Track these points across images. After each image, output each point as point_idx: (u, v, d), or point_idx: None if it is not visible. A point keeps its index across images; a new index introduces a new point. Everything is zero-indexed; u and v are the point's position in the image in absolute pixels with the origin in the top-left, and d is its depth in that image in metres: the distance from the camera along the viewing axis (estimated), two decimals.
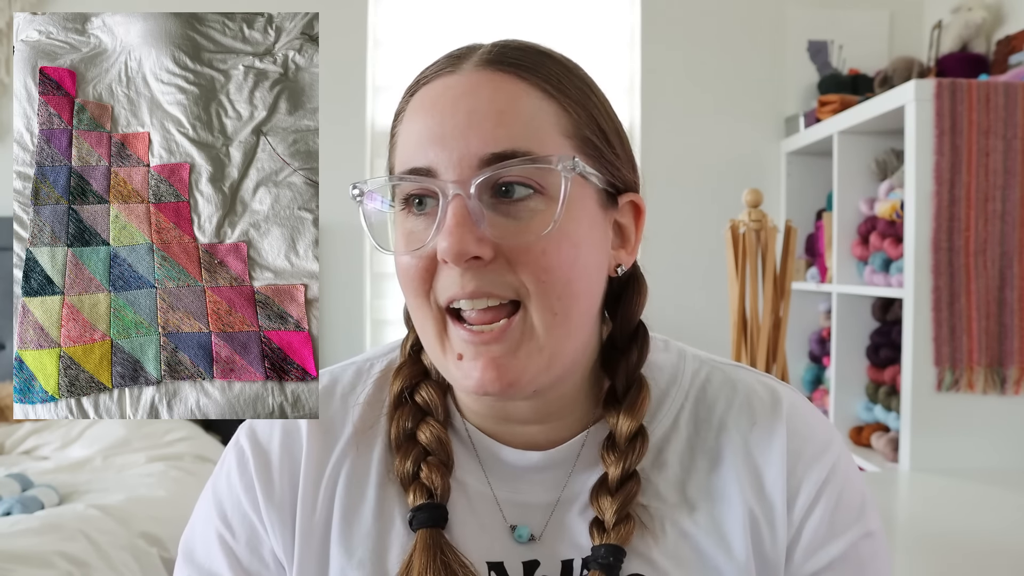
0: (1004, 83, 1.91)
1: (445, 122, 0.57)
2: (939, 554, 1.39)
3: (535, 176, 0.56)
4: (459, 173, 0.55)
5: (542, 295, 0.56)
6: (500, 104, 0.56)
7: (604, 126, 0.60)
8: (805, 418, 0.66)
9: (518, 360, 0.57)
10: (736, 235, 1.71)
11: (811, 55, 2.93)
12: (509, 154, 0.55)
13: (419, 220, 0.58)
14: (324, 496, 0.64)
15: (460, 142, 0.56)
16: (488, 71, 0.58)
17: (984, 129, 1.88)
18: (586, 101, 0.60)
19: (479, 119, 0.56)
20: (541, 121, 0.57)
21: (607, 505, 0.60)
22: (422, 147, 0.57)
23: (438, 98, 0.58)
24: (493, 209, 0.56)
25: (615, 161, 0.61)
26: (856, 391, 2.42)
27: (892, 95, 2.06)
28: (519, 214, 0.56)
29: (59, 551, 1.66)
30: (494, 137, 0.55)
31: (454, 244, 0.54)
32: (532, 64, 0.59)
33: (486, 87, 0.57)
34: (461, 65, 0.59)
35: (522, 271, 0.56)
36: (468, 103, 0.57)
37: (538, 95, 0.58)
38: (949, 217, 1.90)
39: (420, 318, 0.59)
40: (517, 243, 0.55)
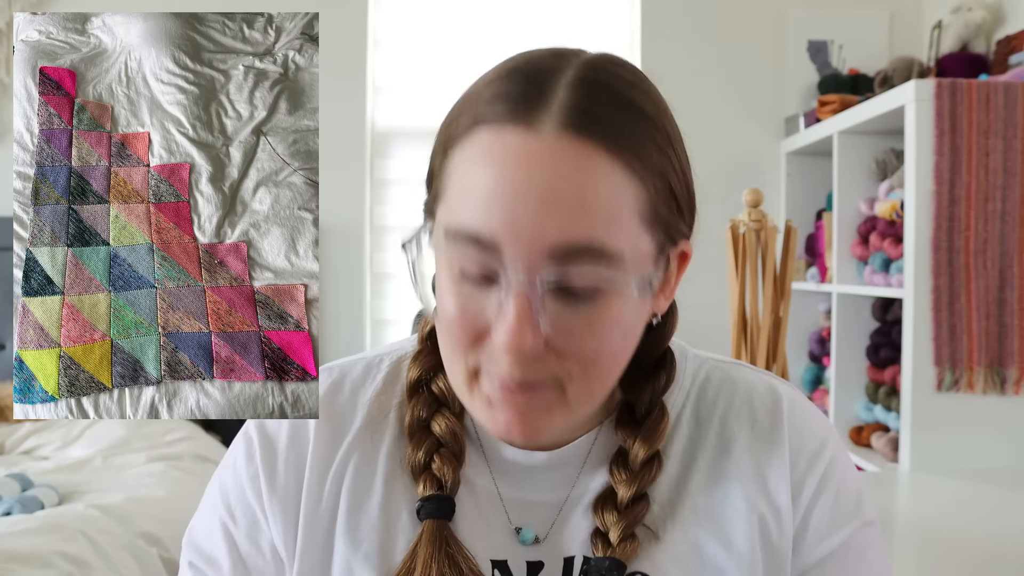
0: (1004, 83, 1.91)
1: (518, 202, 0.50)
2: (939, 554, 1.39)
3: (603, 277, 0.52)
4: (528, 261, 0.51)
5: (584, 379, 0.56)
6: (581, 187, 0.50)
7: (678, 190, 0.56)
8: (804, 415, 0.66)
9: (547, 420, 0.56)
10: (736, 235, 1.71)
11: (811, 55, 2.93)
12: (583, 249, 0.51)
13: (473, 289, 0.54)
14: (331, 489, 0.64)
15: (533, 229, 0.50)
16: (571, 138, 0.51)
17: (984, 129, 1.88)
18: (665, 166, 0.55)
19: (557, 204, 0.50)
20: (620, 206, 0.52)
21: (612, 521, 0.60)
22: (488, 216, 0.51)
23: (513, 165, 0.51)
24: (555, 300, 0.52)
25: (679, 223, 0.58)
26: (856, 391, 2.42)
27: (892, 95, 2.06)
28: (580, 311, 0.53)
29: (59, 551, 1.66)
30: (572, 227, 0.50)
31: (513, 343, 0.52)
32: (620, 126, 0.52)
33: (569, 164, 0.51)
34: (541, 120, 0.51)
35: (570, 359, 0.54)
36: (547, 183, 0.50)
37: (621, 173, 0.52)
38: (949, 217, 1.90)
39: (451, 363, 0.58)
40: (573, 340, 0.53)
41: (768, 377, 0.68)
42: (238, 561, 0.64)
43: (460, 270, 0.54)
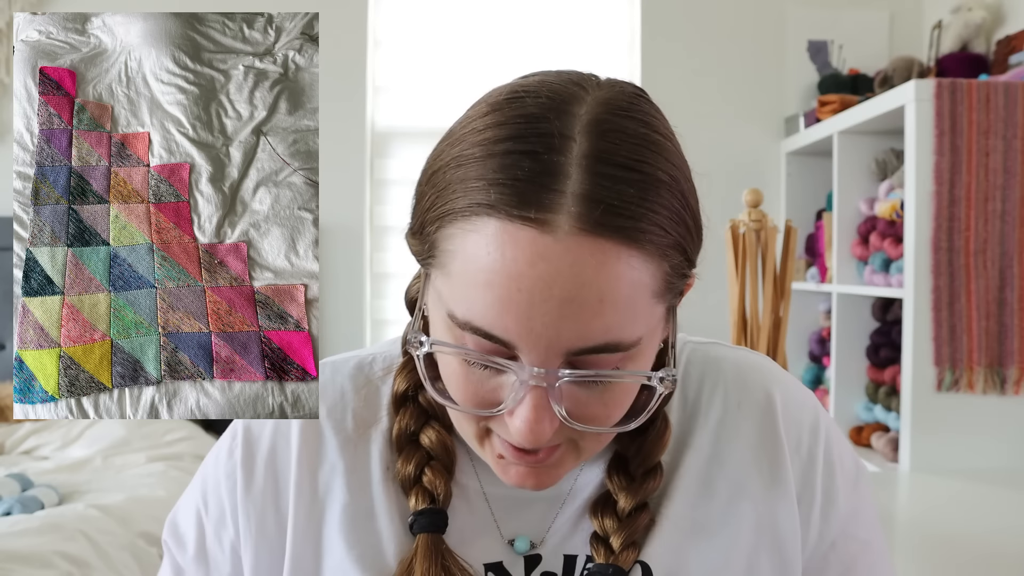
0: (1004, 83, 1.91)
1: (535, 307, 0.47)
2: (939, 554, 1.39)
3: (620, 364, 0.52)
4: (544, 361, 0.49)
5: (596, 437, 0.56)
6: (600, 290, 0.48)
7: (691, 251, 0.53)
8: (789, 386, 0.67)
9: (559, 470, 0.57)
10: (736, 235, 1.71)
11: (811, 55, 2.93)
12: (601, 348, 0.49)
13: (481, 374, 0.53)
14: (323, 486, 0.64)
15: (550, 332, 0.48)
16: (588, 237, 0.47)
17: (984, 129, 1.88)
18: (682, 233, 0.52)
19: (576, 308, 0.47)
20: (638, 296, 0.49)
21: (612, 528, 0.60)
22: (501, 319, 0.48)
23: (526, 265, 0.47)
24: (570, 384, 0.52)
25: (691, 274, 0.56)
26: (856, 391, 2.42)
27: (892, 95, 2.06)
28: (595, 390, 0.53)
29: (59, 551, 1.66)
30: (590, 330, 0.48)
31: (530, 436, 0.51)
32: (638, 211, 0.48)
33: (587, 264, 0.47)
34: (555, 218, 0.47)
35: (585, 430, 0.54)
36: (564, 288, 0.47)
37: (639, 263, 0.49)
38: (949, 217, 1.90)
39: (462, 426, 0.58)
40: (587, 413, 0.53)
41: (748, 353, 0.69)
42: (202, 549, 0.66)
43: (468, 355, 0.52)
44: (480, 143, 0.50)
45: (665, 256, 0.50)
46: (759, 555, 0.62)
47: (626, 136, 0.50)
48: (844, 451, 0.67)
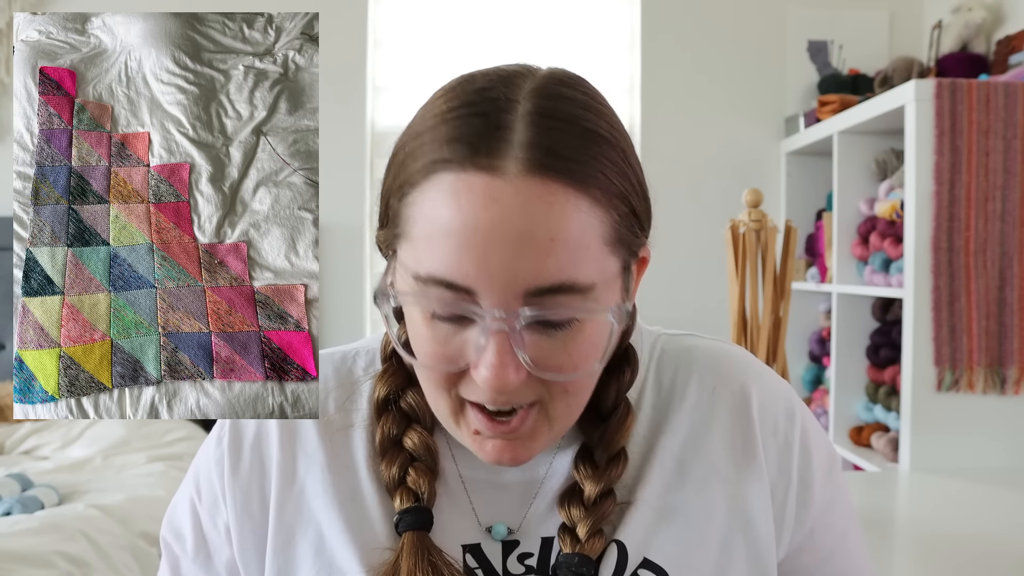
0: (1004, 83, 1.91)
1: (490, 247, 0.51)
2: (939, 554, 1.39)
3: (579, 306, 0.54)
4: (504, 303, 0.52)
5: (563, 395, 0.57)
6: (552, 227, 0.51)
7: (638, 207, 0.57)
8: (763, 374, 0.69)
9: (533, 442, 0.58)
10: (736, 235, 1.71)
11: (811, 55, 2.93)
12: (556, 287, 0.52)
13: (448, 329, 0.55)
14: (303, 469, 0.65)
15: (506, 272, 0.51)
16: (536, 179, 0.51)
17: (984, 129, 1.88)
18: (626, 187, 0.55)
19: (529, 248, 0.51)
20: (588, 239, 0.53)
21: (579, 517, 0.61)
22: (460, 264, 0.51)
23: (480, 208, 0.51)
24: (532, 332, 0.54)
25: (640, 237, 0.59)
26: (856, 391, 2.42)
27: (892, 95, 2.06)
28: (556, 339, 0.54)
29: (59, 551, 1.66)
30: (544, 268, 0.51)
31: (495, 382, 0.53)
32: (582, 159, 0.53)
33: (536, 205, 0.51)
34: (503, 163, 0.51)
35: (551, 384, 0.56)
36: (517, 227, 0.51)
37: (587, 207, 0.52)
38: (949, 217, 1.90)
39: (435, 399, 0.59)
40: (552, 363, 0.55)
41: (721, 344, 0.70)
42: (200, 537, 0.67)
43: (433, 313, 0.54)
44: (434, 115, 0.55)
45: (612, 205, 0.54)
46: (733, 536, 0.63)
47: (567, 99, 0.55)
48: (820, 439, 0.68)
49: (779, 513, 0.65)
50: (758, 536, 0.63)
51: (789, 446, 0.65)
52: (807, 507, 0.66)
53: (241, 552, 0.65)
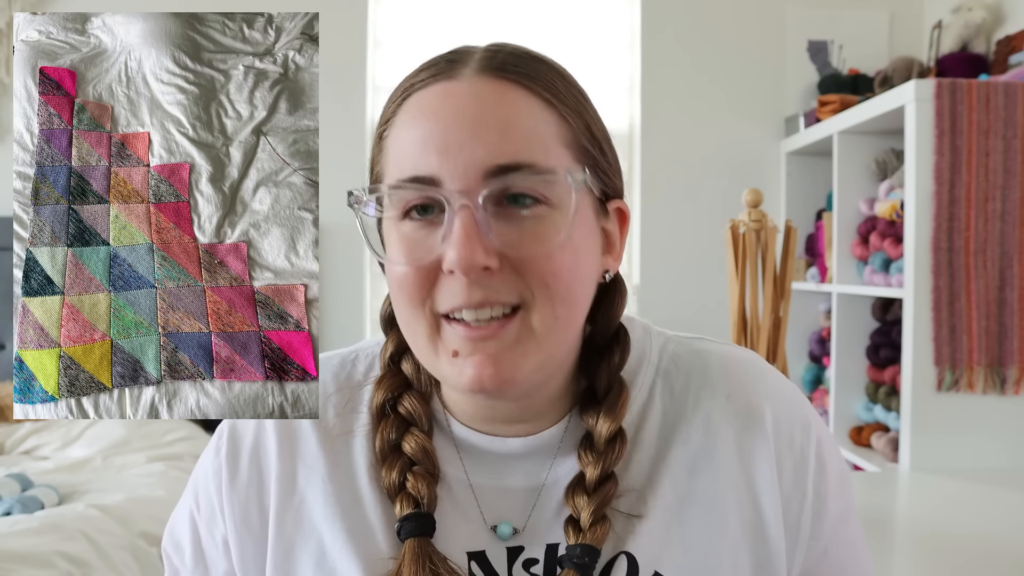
0: (1004, 83, 1.91)
1: (449, 131, 0.55)
2: (939, 554, 1.39)
3: (542, 188, 0.56)
4: (466, 184, 0.54)
5: (546, 300, 0.56)
6: (504, 114, 0.56)
7: (598, 135, 0.61)
8: (778, 382, 0.68)
9: (515, 356, 0.56)
10: (736, 235, 1.71)
11: (811, 55, 2.93)
12: (515, 166, 0.55)
13: (419, 228, 0.57)
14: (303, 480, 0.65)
15: (466, 152, 0.55)
16: (490, 78, 0.57)
17: (984, 129, 1.88)
18: (582, 110, 0.60)
19: (484, 130, 0.55)
20: (543, 132, 0.56)
21: (583, 505, 0.61)
22: (425, 155, 0.55)
23: (439, 106, 0.57)
24: (499, 219, 0.55)
25: (607, 169, 0.61)
26: (856, 391, 2.42)
27: (892, 95, 2.06)
28: (525, 223, 0.56)
29: (59, 551, 1.66)
30: (500, 149, 0.55)
31: (464, 255, 0.53)
32: (532, 72, 0.58)
33: (489, 96, 0.56)
34: (460, 71, 0.58)
35: (528, 277, 0.56)
36: (473, 112, 0.55)
37: (539, 105, 0.57)
38: (949, 217, 1.90)
39: (412, 323, 0.59)
40: (524, 251, 0.55)
41: (734, 349, 0.69)
42: (198, 548, 0.67)
43: (403, 209, 0.57)
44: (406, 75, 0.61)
45: (568, 116, 0.58)
46: (743, 550, 0.62)
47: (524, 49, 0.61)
48: (833, 450, 0.68)
49: (793, 528, 0.64)
50: (770, 550, 0.63)
51: (805, 459, 0.64)
52: (821, 520, 0.65)
53: (241, 565, 0.65)
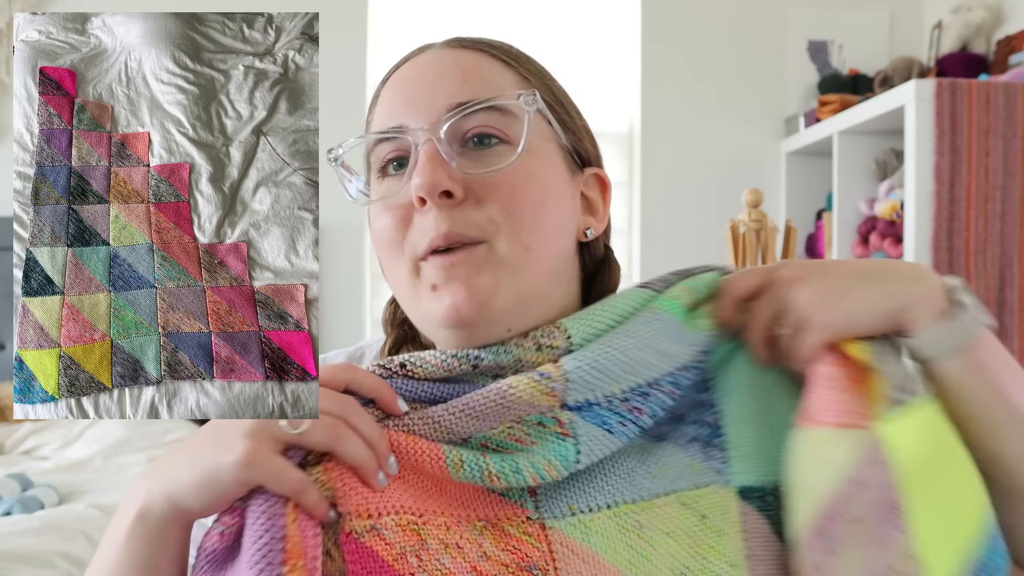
0: (1004, 83, 1.91)
1: (414, 85, 0.62)
2: None
3: (500, 124, 0.60)
4: (428, 121, 0.60)
5: (511, 228, 0.59)
6: (463, 66, 0.62)
7: (560, 97, 0.65)
8: None
9: (487, 282, 0.58)
10: (736, 235, 1.71)
11: (811, 55, 2.93)
12: (474, 103, 0.60)
13: (395, 180, 0.62)
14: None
15: (428, 98, 0.61)
16: (451, 48, 0.64)
17: (984, 129, 1.88)
18: (543, 75, 0.65)
19: (444, 79, 0.61)
20: (501, 82, 0.62)
21: None
22: (394, 111, 0.62)
23: (406, 73, 0.64)
24: (463, 156, 0.60)
25: (575, 129, 0.65)
26: None
27: (892, 95, 2.06)
28: (487, 157, 0.60)
29: (59, 551, 1.66)
30: (459, 90, 0.60)
31: (428, 178, 0.57)
32: (491, 44, 0.65)
33: (449, 57, 0.63)
34: (428, 49, 0.65)
35: (491, 206, 0.58)
36: (434, 68, 0.62)
37: (498, 63, 0.63)
38: (949, 217, 1.90)
39: (394, 270, 0.62)
40: (486, 179, 0.59)
41: None
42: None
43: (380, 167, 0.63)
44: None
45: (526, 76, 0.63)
46: None
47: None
48: None
49: None
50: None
51: None
52: None
53: None
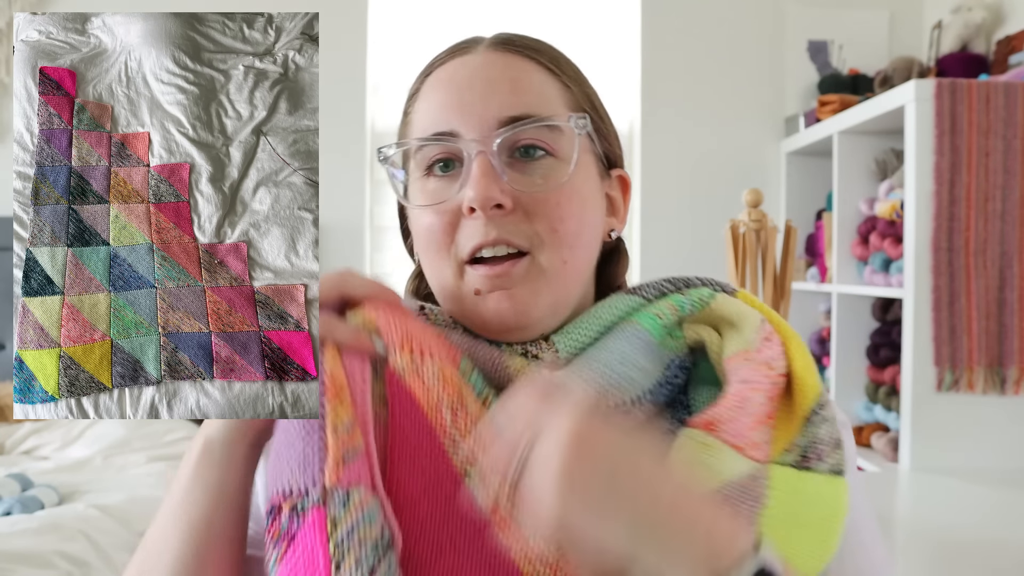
0: (1004, 83, 1.91)
1: (464, 92, 0.63)
2: (939, 554, 1.39)
3: (548, 139, 0.63)
4: (481, 133, 0.62)
5: (554, 244, 0.62)
6: (513, 75, 0.64)
7: (597, 105, 0.68)
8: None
9: (528, 293, 0.62)
10: (736, 235, 1.71)
11: (811, 55, 2.93)
12: (524, 117, 0.62)
13: (442, 181, 0.64)
14: None
15: (480, 107, 0.62)
16: (500, 51, 0.66)
17: (984, 129, 1.88)
18: (581, 81, 0.68)
19: (495, 88, 0.63)
20: (549, 93, 0.65)
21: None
22: (444, 114, 0.64)
23: (455, 73, 0.65)
24: (512, 168, 0.62)
25: (608, 136, 0.69)
26: (856, 391, 2.42)
27: (892, 95, 2.06)
28: (535, 171, 0.63)
29: (59, 551, 1.66)
30: (510, 102, 0.63)
31: (481, 191, 0.60)
32: (536, 47, 0.67)
33: (499, 62, 0.65)
34: (474, 47, 0.66)
35: (538, 221, 0.62)
36: (485, 74, 0.64)
37: (544, 72, 0.65)
38: (949, 217, 1.90)
39: (439, 269, 0.65)
40: (534, 195, 0.62)
41: None
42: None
43: (426, 166, 0.64)
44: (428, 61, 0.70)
45: (570, 85, 0.66)
46: None
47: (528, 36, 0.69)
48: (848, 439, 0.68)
49: None
50: None
51: None
52: None
53: None
